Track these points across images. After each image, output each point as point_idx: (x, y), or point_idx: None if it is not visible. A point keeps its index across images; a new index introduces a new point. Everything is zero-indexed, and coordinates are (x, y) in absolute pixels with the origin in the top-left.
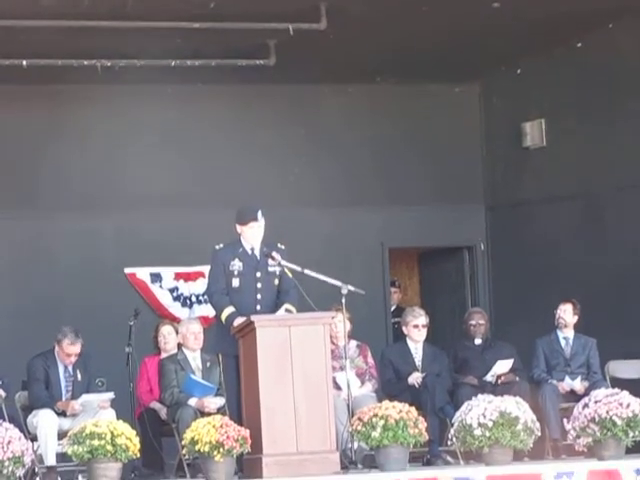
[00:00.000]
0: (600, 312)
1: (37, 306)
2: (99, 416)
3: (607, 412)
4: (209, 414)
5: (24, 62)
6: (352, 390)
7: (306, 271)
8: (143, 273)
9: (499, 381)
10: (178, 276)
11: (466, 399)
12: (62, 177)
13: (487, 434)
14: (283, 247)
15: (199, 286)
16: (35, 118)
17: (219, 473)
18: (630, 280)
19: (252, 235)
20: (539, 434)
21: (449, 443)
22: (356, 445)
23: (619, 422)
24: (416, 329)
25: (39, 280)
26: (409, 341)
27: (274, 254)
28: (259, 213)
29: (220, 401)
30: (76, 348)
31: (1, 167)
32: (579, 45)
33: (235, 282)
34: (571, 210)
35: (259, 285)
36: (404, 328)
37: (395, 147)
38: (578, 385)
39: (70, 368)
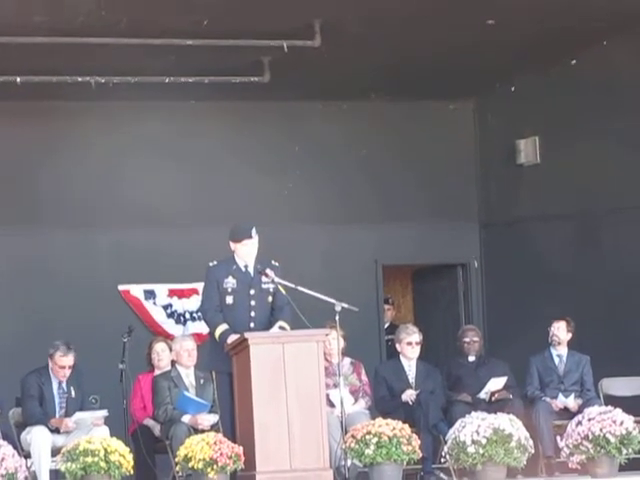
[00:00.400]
0: (594, 329)
1: (31, 323)
2: (93, 433)
3: (601, 429)
4: (202, 431)
5: (18, 79)
6: (345, 407)
7: (300, 288)
8: (137, 290)
9: (493, 398)
10: (172, 293)
11: (460, 416)
12: (57, 193)
13: (481, 451)
14: (277, 264)
15: (193, 303)
16: (29, 135)
17: None
18: (624, 298)
19: (246, 252)
20: (532, 451)
21: (442, 460)
22: (349, 462)
23: (612, 439)
24: (410, 346)
25: (33, 296)
26: (403, 358)
27: (268, 271)
28: (253, 230)
29: (214, 418)
30: (68, 360)
31: (1, 180)
32: (573, 62)
33: (229, 299)
34: (565, 228)
35: (253, 302)
36: (398, 345)
37: (389, 164)
38: (572, 402)
39: (64, 385)
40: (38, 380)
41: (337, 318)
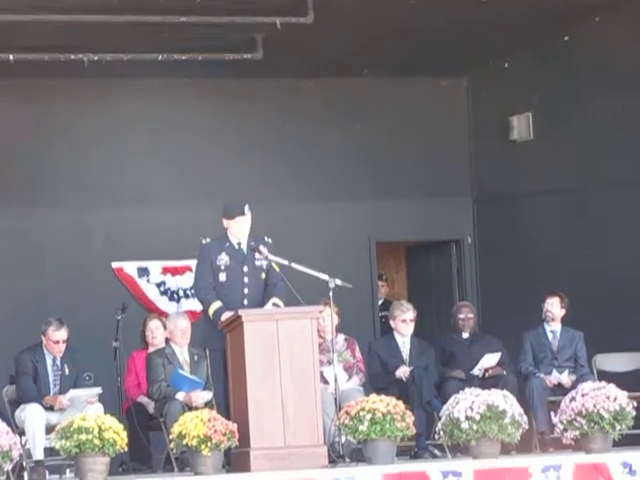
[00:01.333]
0: (587, 305)
1: (24, 301)
2: (87, 410)
3: (594, 405)
4: (196, 408)
5: (11, 57)
6: (339, 384)
7: (293, 265)
8: (130, 267)
9: (486, 375)
10: (165, 270)
11: (453, 393)
12: (49, 172)
13: (474, 427)
14: (270, 241)
15: (186, 280)
16: (22, 113)
17: (207, 467)
18: (617, 274)
19: (239, 230)
20: (526, 427)
21: (436, 437)
22: (344, 439)
23: (606, 415)
24: (404, 323)
25: (26, 275)
26: (397, 335)
27: (261, 248)
28: (246, 207)
29: (207, 395)
30: (62, 334)
31: None
32: (566, 39)
33: (222, 277)
34: (558, 203)
35: (246, 279)
36: (392, 322)
37: (382, 141)
38: (565, 378)
39: (58, 362)
40: (32, 357)
41: (331, 295)
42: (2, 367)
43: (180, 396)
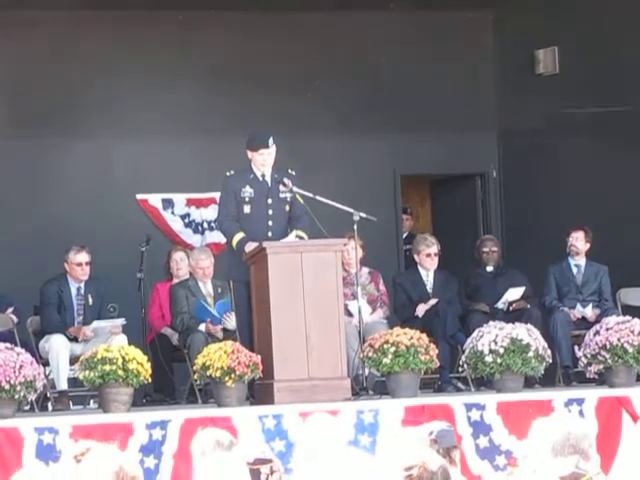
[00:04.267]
0: (612, 239)
1: (48, 232)
2: (111, 341)
3: (618, 339)
4: (220, 340)
5: None
6: (363, 317)
7: (318, 197)
8: (155, 199)
9: (510, 308)
10: (190, 202)
11: (477, 326)
12: (73, 100)
13: (498, 361)
14: (294, 173)
15: (211, 212)
16: (45, 42)
17: (231, 398)
18: None
19: (262, 161)
20: (550, 361)
21: (460, 370)
22: (367, 371)
23: (630, 349)
24: (429, 258)
25: (50, 205)
26: (420, 268)
27: (285, 180)
28: (270, 140)
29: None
30: (83, 256)
31: (17, 88)
32: None
33: (246, 209)
34: (584, 137)
35: (270, 212)
36: (416, 256)
37: (407, 74)
38: (589, 312)
39: (82, 291)
40: (57, 288)
41: (355, 228)
42: (26, 298)
43: (202, 327)
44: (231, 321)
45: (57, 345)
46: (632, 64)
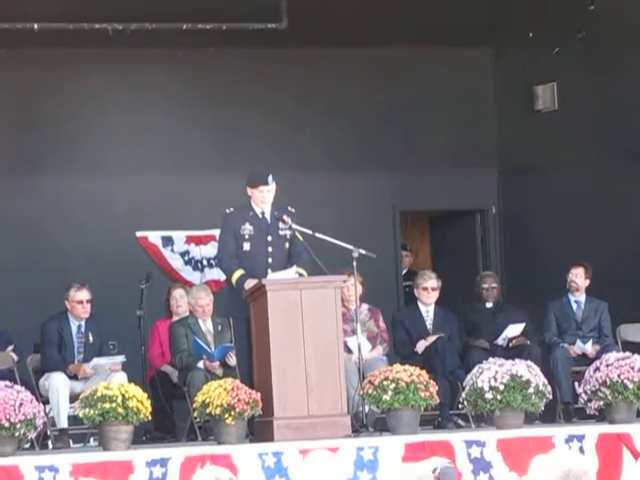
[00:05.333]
0: (611, 276)
1: (48, 270)
2: (110, 379)
3: (618, 376)
4: (219, 377)
5: (35, 26)
6: (363, 353)
7: (317, 234)
8: (155, 237)
9: (510, 344)
10: (189, 239)
11: (477, 362)
12: (74, 140)
13: (498, 397)
14: (294, 210)
15: (210, 250)
16: (47, 82)
17: (230, 436)
18: None
19: (262, 198)
20: (550, 397)
21: (460, 406)
22: (367, 408)
23: (630, 386)
24: (425, 292)
25: (50, 243)
26: (420, 304)
27: (285, 217)
28: (270, 177)
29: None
30: (83, 294)
31: (22, 127)
32: (591, 8)
33: (246, 246)
34: (582, 174)
35: (270, 249)
36: (415, 291)
37: (407, 111)
38: (589, 348)
39: (83, 329)
40: (57, 325)
41: (355, 264)
42: (26, 336)
43: (201, 364)
44: (232, 358)
45: (57, 383)
46: (631, 103)
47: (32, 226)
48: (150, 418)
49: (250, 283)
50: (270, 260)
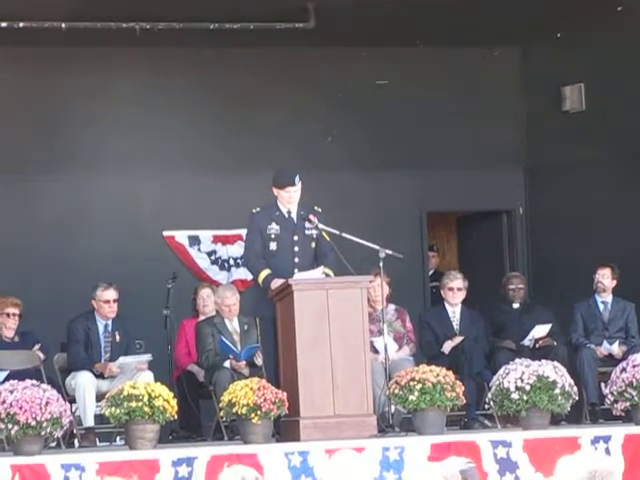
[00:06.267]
0: (639, 276)
1: (76, 269)
2: (137, 378)
3: None
4: (246, 377)
5: (63, 25)
6: (390, 354)
7: (344, 235)
8: (181, 236)
9: (537, 345)
10: (216, 239)
11: (504, 363)
12: (102, 140)
13: (525, 398)
14: (320, 210)
15: (237, 249)
16: (74, 81)
17: (256, 435)
18: None
19: (288, 199)
20: (577, 398)
21: (486, 407)
22: (393, 409)
23: None
24: (451, 292)
25: (78, 243)
26: (447, 305)
27: (311, 217)
28: (296, 178)
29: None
30: (110, 293)
31: (48, 128)
32: (619, 9)
33: (272, 245)
34: (610, 174)
35: (296, 249)
36: (442, 291)
37: (435, 111)
38: (616, 349)
39: (110, 328)
40: (84, 325)
41: (381, 265)
42: (53, 335)
43: (227, 363)
44: (258, 358)
45: (84, 382)
46: None
47: (59, 226)
48: (176, 417)
49: (277, 283)
50: (297, 260)
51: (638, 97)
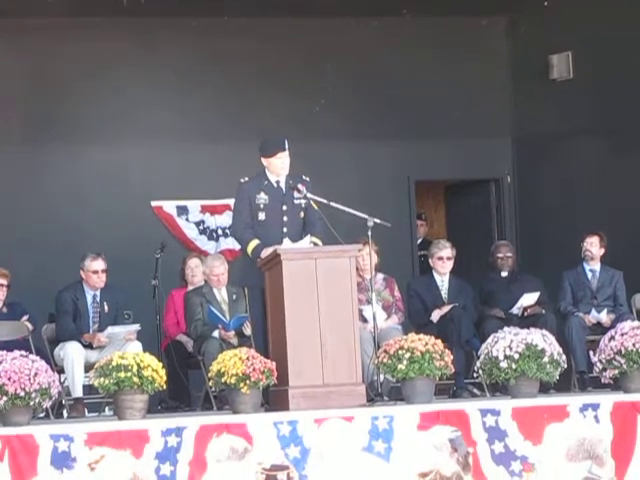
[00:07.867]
0: (626, 244)
1: (63, 239)
2: (125, 348)
3: (633, 344)
4: (235, 347)
5: None
6: (378, 323)
7: (332, 204)
8: (169, 206)
9: (525, 314)
10: (204, 209)
11: (492, 332)
12: (88, 110)
13: (513, 366)
14: (308, 179)
15: (225, 219)
16: (60, 52)
17: (245, 405)
18: None
19: (282, 165)
20: (565, 366)
21: (475, 376)
22: (382, 377)
23: None
24: (440, 261)
25: (65, 213)
26: (435, 274)
27: (300, 186)
28: (285, 142)
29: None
30: (99, 264)
31: (32, 97)
32: None
33: (261, 215)
34: (597, 142)
35: (285, 218)
36: (430, 260)
37: (422, 80)
38: (604, 317)
39: (98, 299)
40: (72, 295)
41: (370, 234)
42: (41, 306)
43: (216, 333)
44: (247, 328)
45: (72, 352)
46: None
47: (46, 198)
48: (165, 387)
49: (267, 251)
50: (285, 229)
51: (625, 65)
